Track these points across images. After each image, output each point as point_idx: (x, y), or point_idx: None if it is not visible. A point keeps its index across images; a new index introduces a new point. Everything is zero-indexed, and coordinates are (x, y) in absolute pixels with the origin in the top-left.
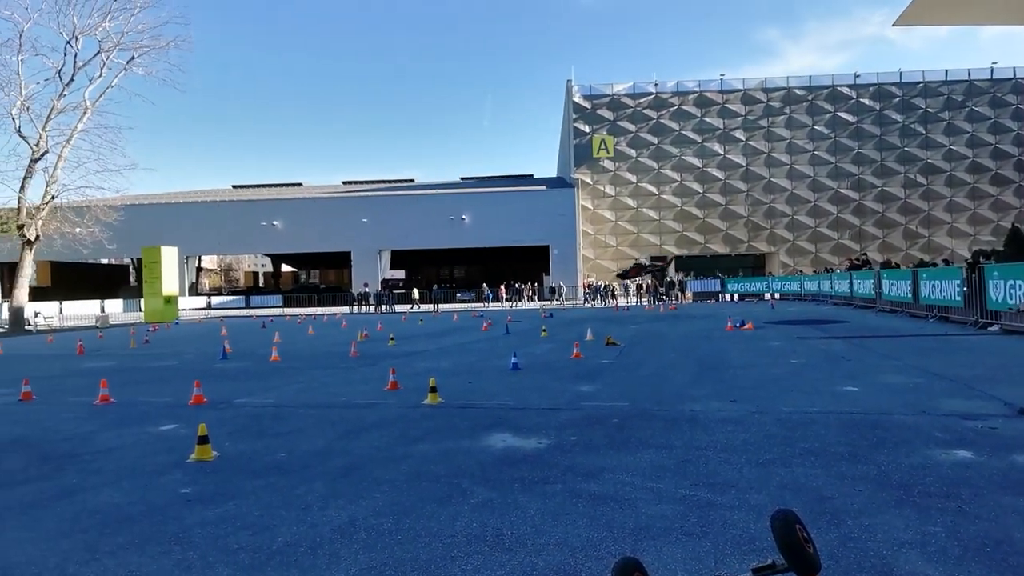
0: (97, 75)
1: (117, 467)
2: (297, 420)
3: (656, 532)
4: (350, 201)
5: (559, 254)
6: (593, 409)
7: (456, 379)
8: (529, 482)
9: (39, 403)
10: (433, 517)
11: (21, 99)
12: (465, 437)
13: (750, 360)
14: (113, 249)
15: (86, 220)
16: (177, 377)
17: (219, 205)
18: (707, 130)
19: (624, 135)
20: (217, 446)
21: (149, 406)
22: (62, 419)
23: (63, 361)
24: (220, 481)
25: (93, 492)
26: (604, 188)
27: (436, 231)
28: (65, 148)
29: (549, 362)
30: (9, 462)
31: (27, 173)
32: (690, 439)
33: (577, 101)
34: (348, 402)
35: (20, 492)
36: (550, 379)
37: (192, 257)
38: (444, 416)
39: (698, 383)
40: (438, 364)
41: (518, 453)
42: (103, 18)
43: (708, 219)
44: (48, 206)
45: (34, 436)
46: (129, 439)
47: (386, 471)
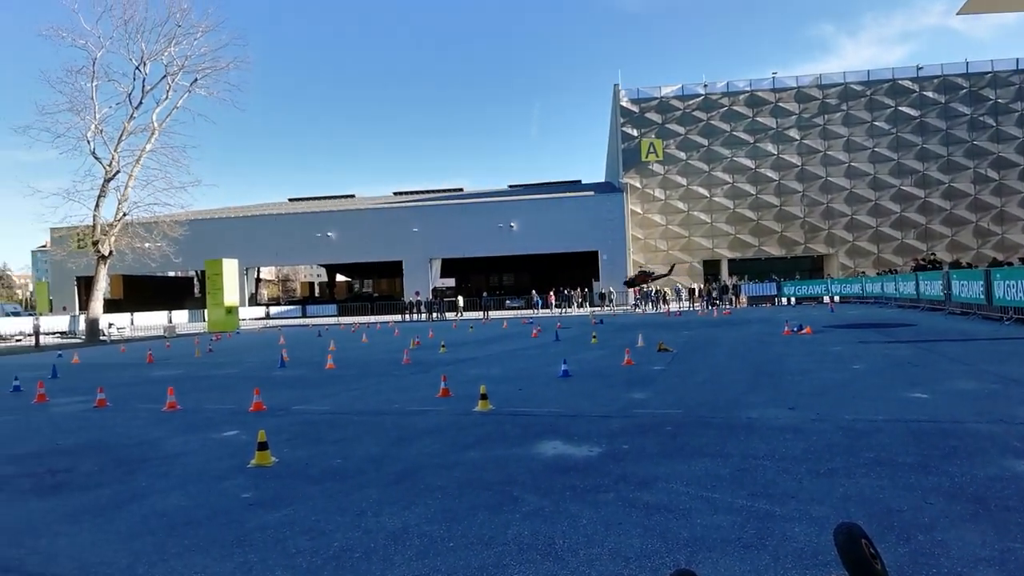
0: (163, 97)
1: (183, 471)
2: (352, 427)
3: (712, 543)
4: (401, 211)
5: (608, 259)
6: (645, 417)
7: (506, 386)
8: (581, 490)
9: (113, 410)
10: (485, 525)
11: (95, 123)
12: (516, 444)
13: (809, 366)
14: (179, 262)
15: (154, 235)
16: (238, 385)
17: (276, 218)
18: (759, 130)
19: (673, 138)
20: (276, 452)
21: (212, 413)
22: (133, 425)
23: (134, 370)
24: (279, 486)
25: (161, 496)
26: (653, 192)
27: (485, 239)
28: (135, 168)
29: (600, 369)
30: (86, 466)
31: (101, 192)
32: (746, 447)
33: (624, 105)
34: (401, 409)
35: (95, 495)
36: (601, 386)
37: (252, 268)
38: (495, 423)
39: (754, 390)
40: (488, 371)
41: (569, 461)
42: (168, 43)
43: (762, 221)
44: (120, 223)
45: (108, 441)
46: (194, 444)
47: (438, 478)
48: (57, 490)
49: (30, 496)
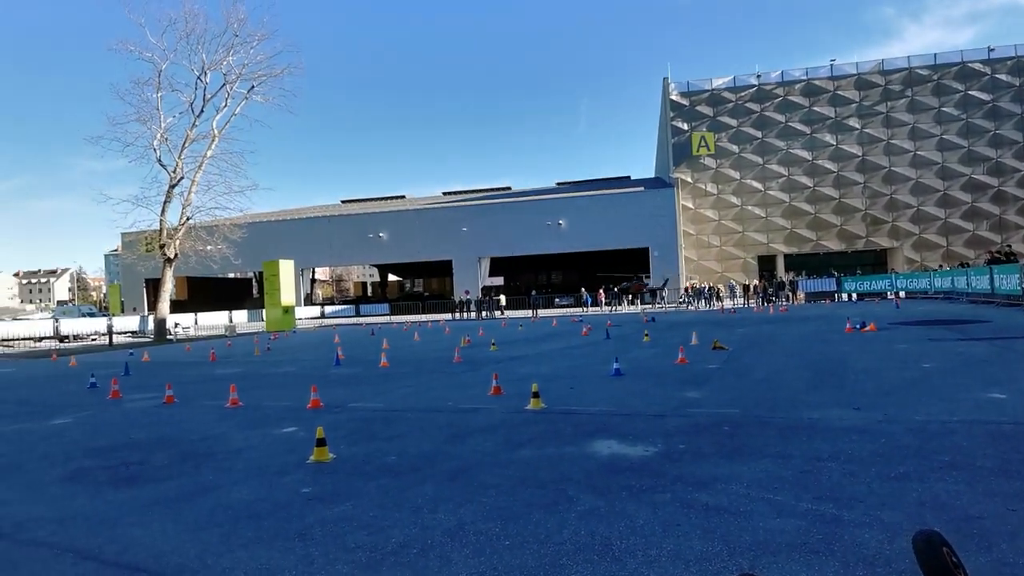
0: (223, 105)
1: (246, 466)
2: (406, 424)
3: (776, 548)
4: (450, 211)
5: (659, 256)
6: (701, 416)
7: (558, 384)
8: (637, 490)
9: (180, 406)
10: (540, 524)
11: (161, 131)
12: (569, 443)
13: (874, 364)
14: (238, 264)
15: (215, 238)
16: (296, 382)
17: (330, 219)
18: (817, 120)
19: (725, 131)
20: (333, 448)
21: (272, 409)
22: (199, 421)
23: (198, 367)
24: (337, 482)
25: (226, 489)
26: (705, 186)
27: (533, 237)
28: (197, 173)
29: (653, 367)
30: (157, 459)
31: (166, 198)
32: (809, 449)
33: (674, 99)
34: (454, 407)
35: (166, 487)
36: (654, 385)
37: (307, 269)
38: (547, 421)
39: (815, 389)
40: (539, 369)
41: (624, 461)
42: (227, 53)
43: (820, 214)
44: (184, 227)
45: (176, 436)
46: (255, 440)
47: (492, 476)
48: (131, 482)
49: (107, 487)
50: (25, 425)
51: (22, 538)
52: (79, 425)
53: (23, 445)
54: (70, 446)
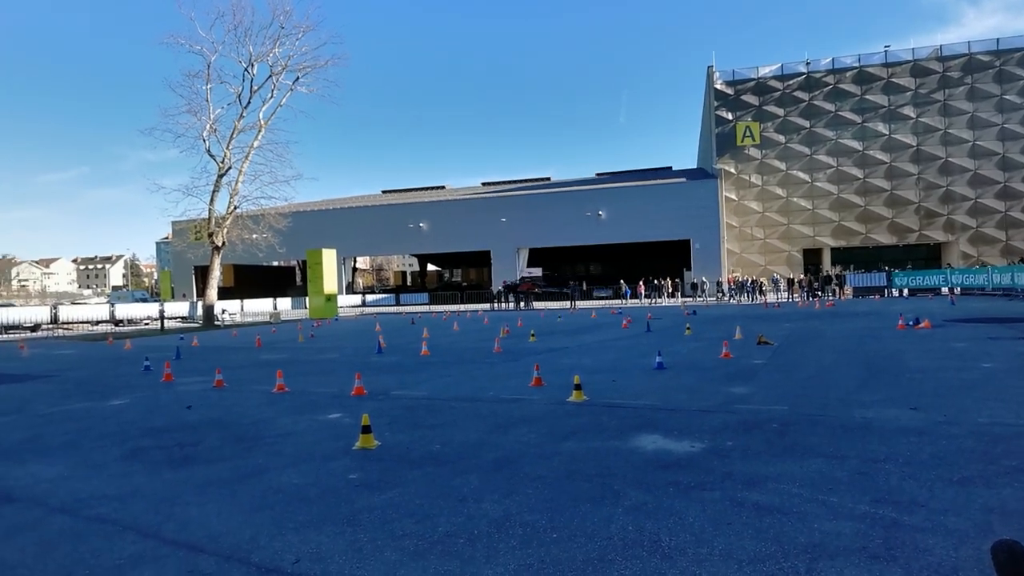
0: (269, 96)
1: (295, 450)
2: (449, 413)
3: (834, 551)
4: (489, 201)
5: (701, 248)
6: (748, 413)
7: (599, 377)
8: (685, 487)
9: (229, 390)
10: (587, 517)
11: (210, 122)
12: (613, 437)
13: (930, 363)
14: (283, 252)
15: (261, 227)
16: (340, 369)
17: (371, 209)
18: (869, 109)
19: (771, 120)
20: (378, 435)
21: (317, 396)
22: (248, 405)
23: (245, 353)
24: (383, 469)
25: (276, 473)
26: (749, 178)
27: (572, 228)
28: (244, 163)
29: (696, 362)
30: (210, 441)
31: (215, 187)
32: (864, 449)
33: (719, 88)
34: (495, 397)
35: (219, 469)
36: (699, 379)
37: (348, 258)
38: (590, 414)
39: (868, 387)
40: (580, 361)
41: (670, 456)
42: (273, 45)
43: (870, 207)
44: (231, 215)
45: (227, 419)
46: (303, 425)
47: (537, 467)
48: (186, 462)
49: (163, 467)
50: (86, 405)
51: (86, 514)
52: (135, 406)
53: (84, 424)
54: (128, 426)
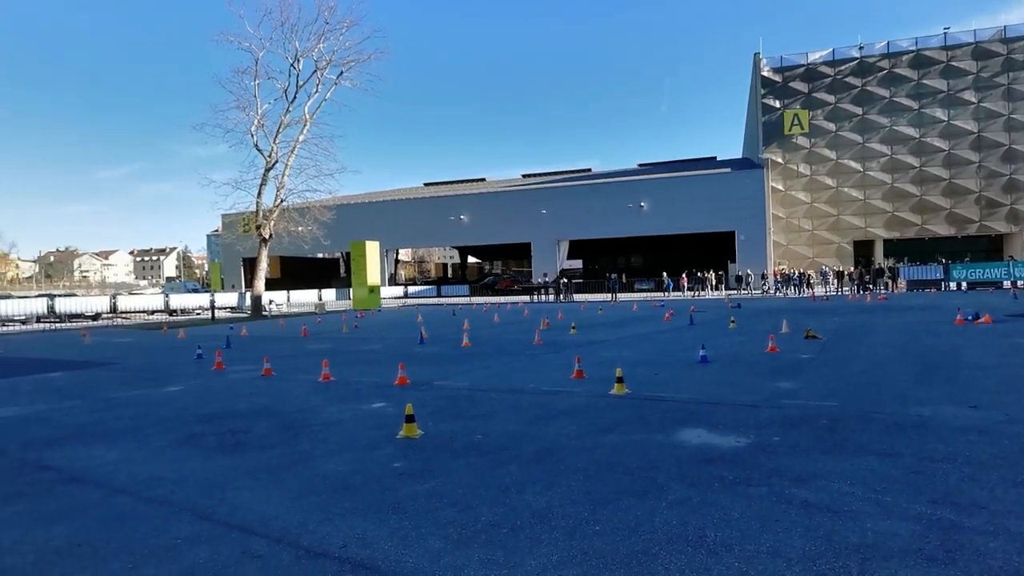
0: (314, 91)
1: (339, 439)
2: (490, 403)
3: (888, 552)
4: (529, 193)
5: (746, 240)
6: (796, 408)
7: (641, 370)
8: (730, 482)
9: (277, 378)
10: (630, 510)
11: (258, 118)
12: (656, 430)
13: (991, 359)
14: (327, 244)
15: (306, 219)
16: (383, 359)
17: (413, 202)
18: (926, 94)
19: (821, 108)
20: (421, 425)
21: (361, 385)
22: (294, 393)
23: (292, 342)
24: (426, 458)
25: (322, 460)
26: (797, 167)
27: (613, 220)
28: (290, 157)
29: (741, 355)
30: (259, 428)
31: (262, 181)
32: (920, 448)
33: (766, 75)
34: (536, 388)
35: (267, 455)
36: (744, 374)
37: (391, 250)
38: (632, 407)
39: (924, 384)
40: (621, 354)
41: (715, 451)
42: (318, 40)
43: (927, 196)
44: (278, 208)
45: (275, 407)
46: (347, 414)
47: (578, 459)
48: (237, 448)
49: (216, 452)
50: (143, 391)
51: (145, 495)
52: (189, 393)
53: (143, 410)
54: (182, 412)
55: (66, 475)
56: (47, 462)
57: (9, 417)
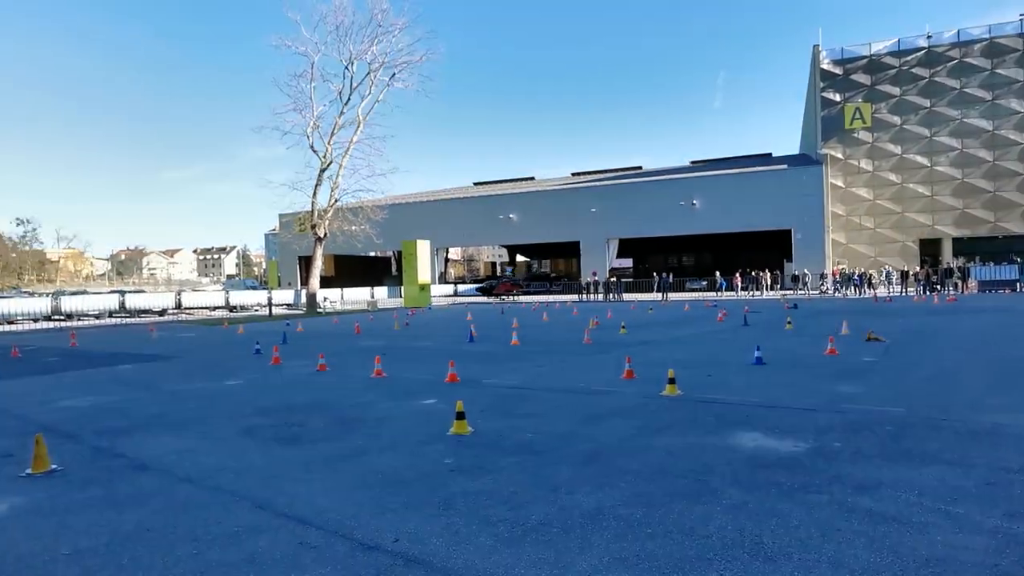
0: (367, 93)
1: (392, 434)
2: (539, 402)
3: (960, 567)
4: (579, 192)
5: (803, 239)
6: (858, 413)
7: (694, 371)
8: (788, 488)
9: (331, 373)
10: (684, 514)
11: (313, 120)
12: (710, 433)
13: None
14: (380, 243)
15: (360, 219)
16: (433, 357)
17: (463, 201)
18: (1000, 84)
19: (884, 101)
20: (472, 422)
21: (412, 382)
22: (348, 388)
23: (345, 339)
24: (476, 455)
25: (375, 455)
26: (859, 163)
27: (665, 218)
28: (344, 158)
29: (798, 357)
30: (314, 422)
31: (317, 181)
32: (996, 458)
33: (825, 67)
34: (586, 388)
35: (323, 448)
36: (801, 376)
37: (441, 249)
38: (685, 409)
39: (1000, 390)
40: (673, 354)
41: (772, 455)
42: (371, 43)
43: (1001, 192)
44: (333, 208)
45: (330, 401)
46: (399, 410)
47: (630, 461)
48: (294, 441)
49: (274, 444)
50: (206, 384)
51: (207, 484)
52: (249, 387)
53: (205, 402)
54: (242, 405)
55: (136, 462)
56: (118, 450)
57: (85, 406)
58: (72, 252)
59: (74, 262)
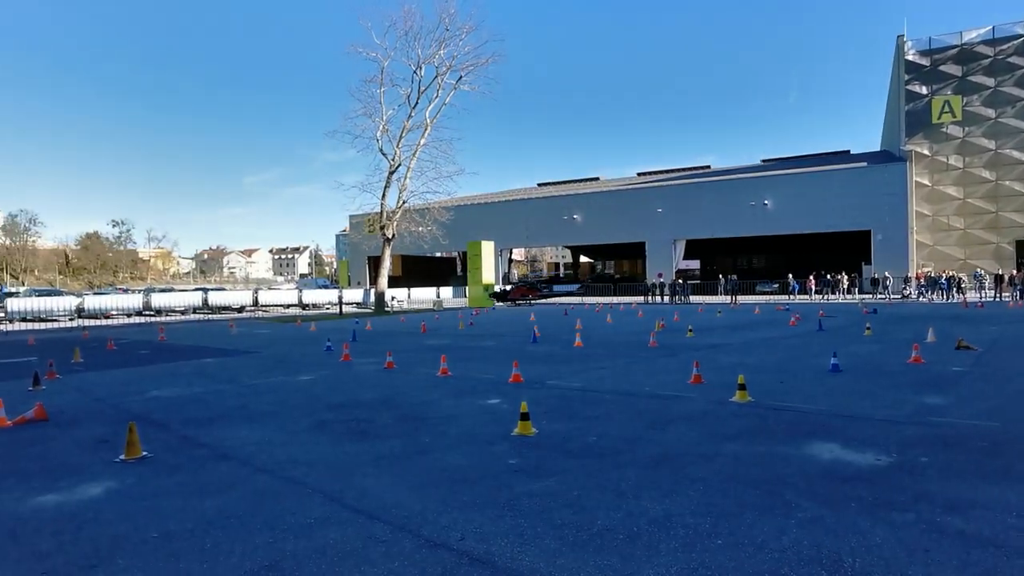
0: (434, 96)
1: (457, 432)
2: (604, 405)
3: None
4: (644, 192)
5: (883, 240)
6: (947, 426)
7: (765, 377)
8: (869, 504)
9: (398, 371)
10: (755, 526)
11: (383, 123)
12: (783, 442)
13: None
14: (446, 244)
15: (426, 220)
16: (497, 356)
17: (527, 202)
18: None
19: (977, 92)
20: (536, 423)
21: (477, 381)
22: (415, 386)
23: (412, 337)
24: (541, 457)
25: (441, 452)
26: (947, 159)
27: (734, 218)
28: (412, 160)
29: (878, 365)
30: (382, 418)
31: (386, 183)
32: None
33: (911, 59)
34: (652, 392)
35: (391, 445)
36: (882, 385)
37: (505, 250)
38: (755, 416)
39: None
40: (743, 359)
41: (850, 468)
42: (439, 47)
43: None
44: (400, 209)
45: (397, 398)
46: (464, 408)
47: (698, 468)
48: (363, 436)
49: (344, 439)
50: (281, 379)
51: (283, 475)
52: (320, 382)
53: (280, 396)
54: (314, 400)
55: (218, 452)
56: (202, 439)
57: (172, 397)
58: (161, 252)
59: (163, 261)
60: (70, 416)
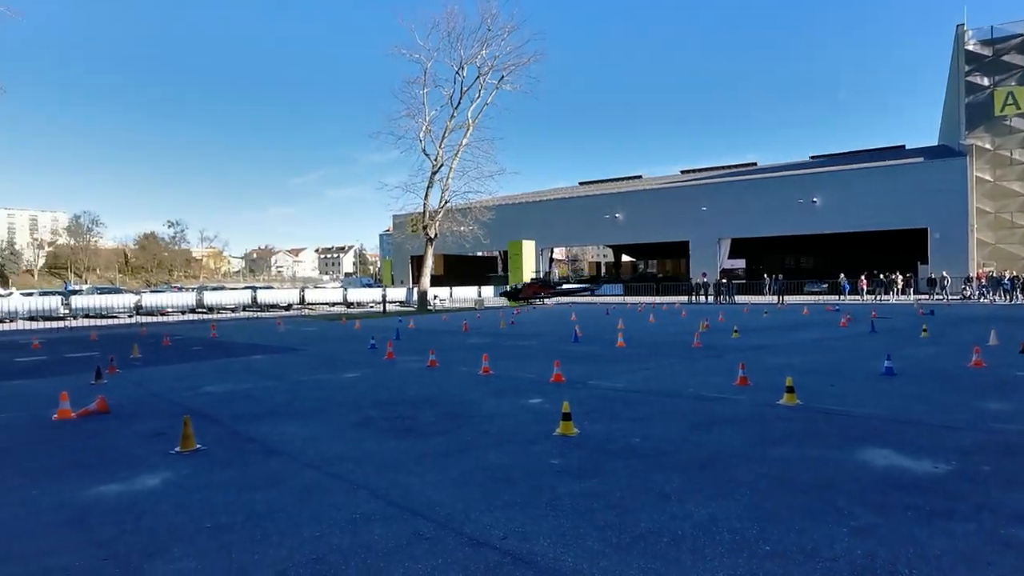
0: (476, 96)
1: (499, 431)
2: (647, 406)
3: None
4: (688, 190)
5: (941, 238)
6: (1012, 434)
7: (814, 379)
8: (927, 513)
9: (441, 369)
10: (804, 533)
11: (426, 124)
12: (833, 447)
13: None
14: (487, 243)
15: (468, 219)
16: (538, 356)
17: (568, 201)
18: None
19: None
20: (577, 423)
21: (518, 380)
22: (457, 384)
23: (454, 336)
24: (583, 457)
25: (482, 451)
26: (1011, 154)
27: (781, 216)
28: (454, 161)
29: (936, 369)
30: (425, 416)
31: (429, 184)
32: None
33: (971, 49)
34: (696, 394)
35: (433, 442)
36: (940, 390)
37: (546, 249)
38: (805, 420)
39: None
40: (790, 361)
41: (906, 475)
42: (481, 47)
43: None
44: (443, 209)
45: (440, 396)
46: (505, 407)
47: (744, 471)
48: (406, 434)
49: (388, 436)
50: (327, 376)
51: (329, 471)
52: (365, 380)
53: (326, 393)
54: (359, 397)
55: (267, 446)
56: (252, 434)
57: (224, 392)
58: (213, 251)
59: (214, 260)
60: (129, 409)
